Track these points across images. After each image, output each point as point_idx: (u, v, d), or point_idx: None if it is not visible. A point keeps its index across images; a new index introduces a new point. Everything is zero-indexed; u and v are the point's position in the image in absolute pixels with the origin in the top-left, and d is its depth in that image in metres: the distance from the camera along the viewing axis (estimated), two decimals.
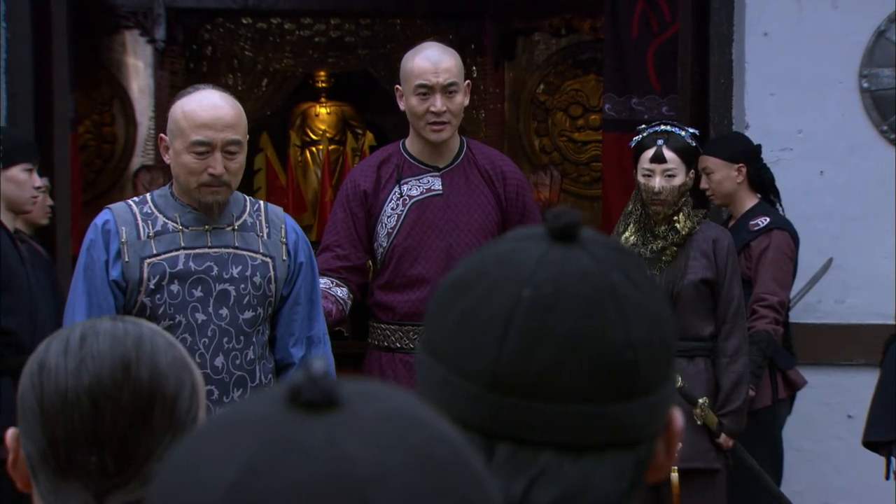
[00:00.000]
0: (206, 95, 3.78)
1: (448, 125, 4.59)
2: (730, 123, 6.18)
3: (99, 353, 1.65)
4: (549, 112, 12.18)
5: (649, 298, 1.19)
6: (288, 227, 3.92)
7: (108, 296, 3.71)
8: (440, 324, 1.18)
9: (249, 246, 3.81)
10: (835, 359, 6.03)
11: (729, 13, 6.20)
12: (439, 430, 0.89)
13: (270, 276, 3.82)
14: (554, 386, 1.13)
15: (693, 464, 4.87)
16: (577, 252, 1.17)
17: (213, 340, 3.74)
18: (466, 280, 1.18)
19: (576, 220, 1.18)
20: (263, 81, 12.32)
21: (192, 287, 3.73)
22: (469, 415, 1.14)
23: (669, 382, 1.21)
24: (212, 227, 3.79)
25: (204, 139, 3.69)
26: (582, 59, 12.09)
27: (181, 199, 3.81)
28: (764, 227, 5.56)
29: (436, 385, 1.17)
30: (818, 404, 6.00)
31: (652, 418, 1.18)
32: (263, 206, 3.95)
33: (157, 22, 11.69)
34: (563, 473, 1.14)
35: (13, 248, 4.32)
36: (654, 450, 1.20)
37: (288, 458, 0.83)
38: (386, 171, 4.68)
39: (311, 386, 0.85)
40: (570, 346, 1.13)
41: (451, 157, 4.71)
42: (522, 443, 1.14)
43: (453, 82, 4.57)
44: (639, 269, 1.20)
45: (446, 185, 4.67)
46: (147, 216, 3.78)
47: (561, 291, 1.14)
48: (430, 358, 1.18)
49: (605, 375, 1.14)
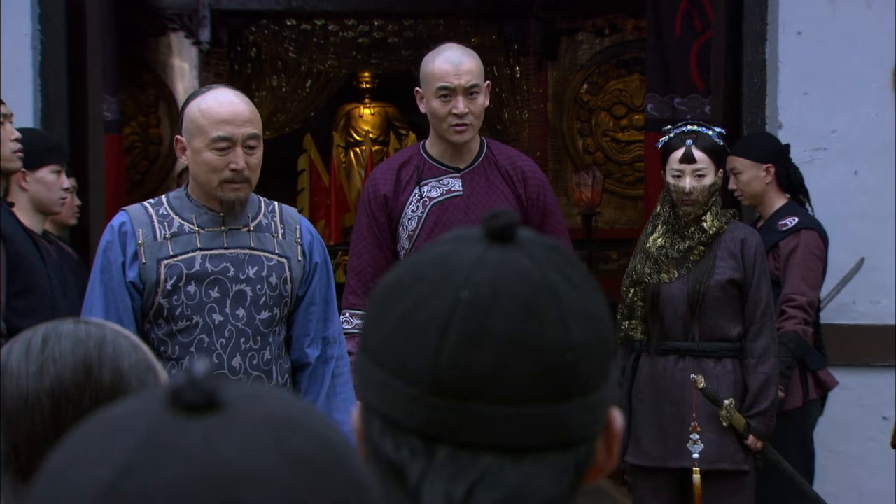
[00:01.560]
0: (221, 93, 3.80)
1: (470, 127, 4.58)
2: (763, 123, 6.15)
3: (61, 355, 1.64)
4: (593, 112, 12.15)
5: (587, 298, 1.18)
6: (303, 228, 3.94)
7: (125, 297, 3.73)
8: (378, 326, 1.18)
9: (265, 247, 3.83)
10: (869, 360, 5.99)
11: (763, 12, 6.17)
12: (322, 433, 0.89)
13: (286, 276, 3.83)
14: (493, 388, 1.13)
15: (720, 465, 4.84)
16: (515, 253, 1.17)
17: (230, 341, 3.76)
18: (404, 282, 1.18)
19: (512, 220, 1.18)
20: (307, 83, 12.38)
21: (209, 288, 3.75)
22: (409, 417, 1.14)
23: (608, 382, 1.19)
24: (228, 228, 3.80)
25: (225, 135, 3.71)
26: (625, 59, 12.06)
27: (197, 200, 3.82)
28: (792, 227, 5.52)
29: (375, 387, 1.17)
30: (852, 406, 5.96)
31: (592, 418, 1.18)
32: (278, 206, 3.96)
33: (202, 24, 11.76)
34: (504, 476, 1.14)
35: (35, 250, 4.36)
36: (593, 450, 1.20)
37: (164, 460, 0.83)
38: (406, 174, 4.67)
39: (192, 388, 0.85)
40: (509, 348, 1.13)
41: (472, 157, 4.70)
42: (463, 445, 1.14)
43: (475, 84, 4.56)
44: (576, 269, 1.20)
45: (466, 185, 4.66)
46: (163, 218, 3.79)
47: (499, 293, 1.14)
48: (368, 360, 1.18)
49: (544, 376, 1.14)
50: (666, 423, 4.89)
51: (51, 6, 6.03)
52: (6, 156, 4.32)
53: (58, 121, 6.01)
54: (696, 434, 4.73)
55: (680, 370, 4.87)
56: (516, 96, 12.20)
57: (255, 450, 0.84)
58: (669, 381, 4.89)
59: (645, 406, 4.94)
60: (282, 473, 0.84)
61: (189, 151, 3.77)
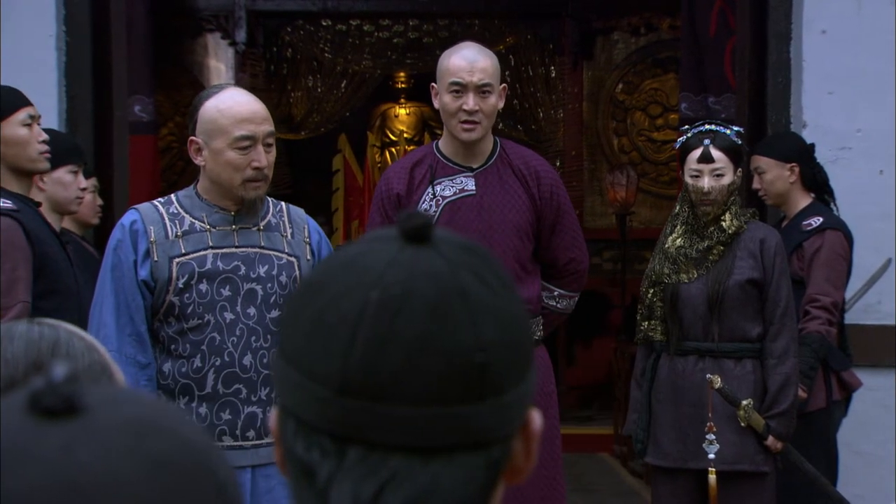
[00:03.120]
0: (235, 93, 3.83)
1: (479, 125, 4.57)
2: (787, 122, 6.12)
3: (13, 356, 1.63)
4: (628, 111, 12.13)
5: (501, 299, 1.18)
6: (311, 228, 3.96)
7: (136, 295, 3.75)
8: (292, 327, 1.18)
9: (275, 245, 3.85)
10: None
11: (787, 11, 6.14)
12: (183, 438, 0.89)
13: (296, 275, 3.84)
14: (402, 389, 1.13)
15: (739, 466, 4.82)
16: (428, 253, 1.16)
17: (241, 339, 3.77)
18: (317, 283, 1.18)
19: (427, 221, 1.17)
20: (343, 83, 12.41)
21: (220, 286, 3.77)
22: (320, 418, 1.14)
23: (525, 383, 1.19)
24: (238, 227, 3.83)
25: (248, 133, 3.74)
26: (661, 58, 12.04)
27: (208, 199, 3.85)
28: (817, 227, 5.48)
29: (289, 388, 1.17)
30: (878, 407, 5.92)
31: (505, 419, 1.17)
32: (285, 206, 3.98)
33: (238, 25, 11.83)
34: (413, 477, 1.13)
35: (62, 251, 4.40)
36: (509, 451, 1.19)
37: (21, 466, 0.83)
38: (419, 173, 4.67)
39: (51, 392, 0.85)
40: (418, 348, 1.13)
41: (485, 157, 4.69)
42: (373, 446, 1.13)
43: (487, 83, 4.55)
44: (492, 269, 1.19)
45: (479, 185, 4.65)
46: (174, 216, 3.82)
47: (409, 294, 1.14)
48: (283, 361, 1.18)
49: (453, 378, 1.13)
50: (685, 424, 4.87)
51: (75, 8, 6.07)
52: (34, 157, 4.36)
53: (82, 122, 6.06)
54: (711, 434, 4.71)
55: (699, 370, 4.85)
56: (551, 96, 12.19)
57: (114, 455, 0.84)
58: (689, 381, 4.87)
59: (664, 407, 4.93)
60: (139, 478, 0.84)
61: (207, 152, 3.79)
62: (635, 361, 5.12)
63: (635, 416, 5.02)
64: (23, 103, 4.38)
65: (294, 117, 12.37)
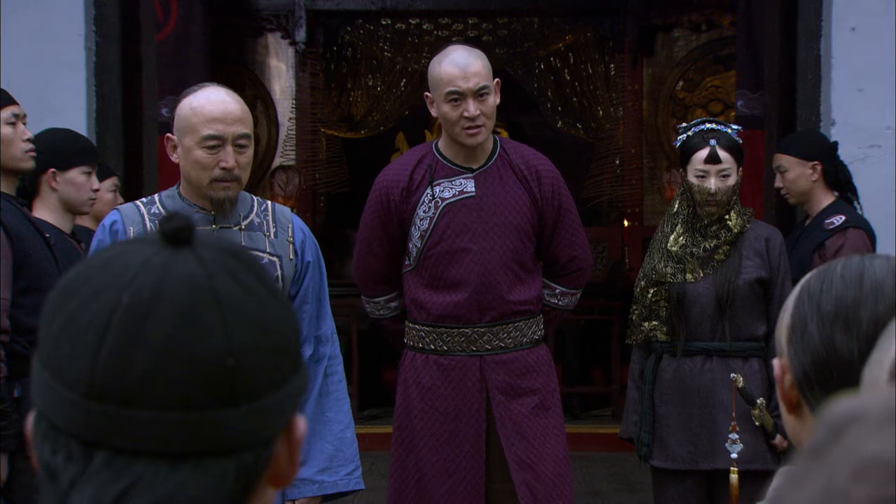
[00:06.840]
0: (213, 92, 3.81)
1: (483, 128, 4.54)
2: (817, 120, 6.05)
3: None
4: (688, 109, 12.03)
5: (261, 304, 1.17)
6: (295, 227, 3.94)
7: None
8: (47, 330, 1.17)
9: (256, 245, 3.84)
10: None
11: (817, 8, 6.07)
12: None
13: (278, 275, 3.84)
14: (149, 393, 1.12)
15: (753, 465, 4.77)
16: (185, 256, 1.16)
17: None
18: (72, 285, 1.17)
19: (188, 223, 1.16)
20: (402, 81, 12.43)
21: None
22: (67, 422, 1.14)
23: (286, 387, 1.18)
24: (219, 227, 3.83)
25: (215, 133, 3.72)
26: (722, 55, 11.92)
27: (188, 199, 3.85)
28: (839, 226, 5.41)
29: (41, 390, 1.16)
30: None
31: (259, 425, 1.16)
32: (271, 206, 3.97)
33: (298, 24, 11.91)
34: (158, 482, 1.13)
35: (47, 250, 4.44)
36: (267, 456, 1.18)
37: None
38: (418, 174, 4.64)
39: None
40: (165, 353, 1.12)
41: (485, 157, 4.66)
42: (120, 451, 1.13)
43: (484, 86, 4.52)
44: (254, 274, 1.19)
45: (479, 186, 4.62)
46: (155, 216, 3.82)
47: (159, 297, 1.13)
48: (39, 363, 1.17)
49: (202, 382, 1.13)
50: (695, 425, 4.83)
51: (105, 7, 6.13)
52: (19, 155, 4.41)
53: (112, 121, 6.11)
54: (734, 434, 4.67)
55: (708, 371, 4.81)
56: (611, 94, 12.12)
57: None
58: (697, 382, 4.83)
59: (671, 408, 4.88)
60: None
61: (180, 149, 3.79)
62: (631, 362, 5.06)
63: (636, 419, 4.97)
64: (6, 102, 4.43)
65: (354, 116, 12.41)
